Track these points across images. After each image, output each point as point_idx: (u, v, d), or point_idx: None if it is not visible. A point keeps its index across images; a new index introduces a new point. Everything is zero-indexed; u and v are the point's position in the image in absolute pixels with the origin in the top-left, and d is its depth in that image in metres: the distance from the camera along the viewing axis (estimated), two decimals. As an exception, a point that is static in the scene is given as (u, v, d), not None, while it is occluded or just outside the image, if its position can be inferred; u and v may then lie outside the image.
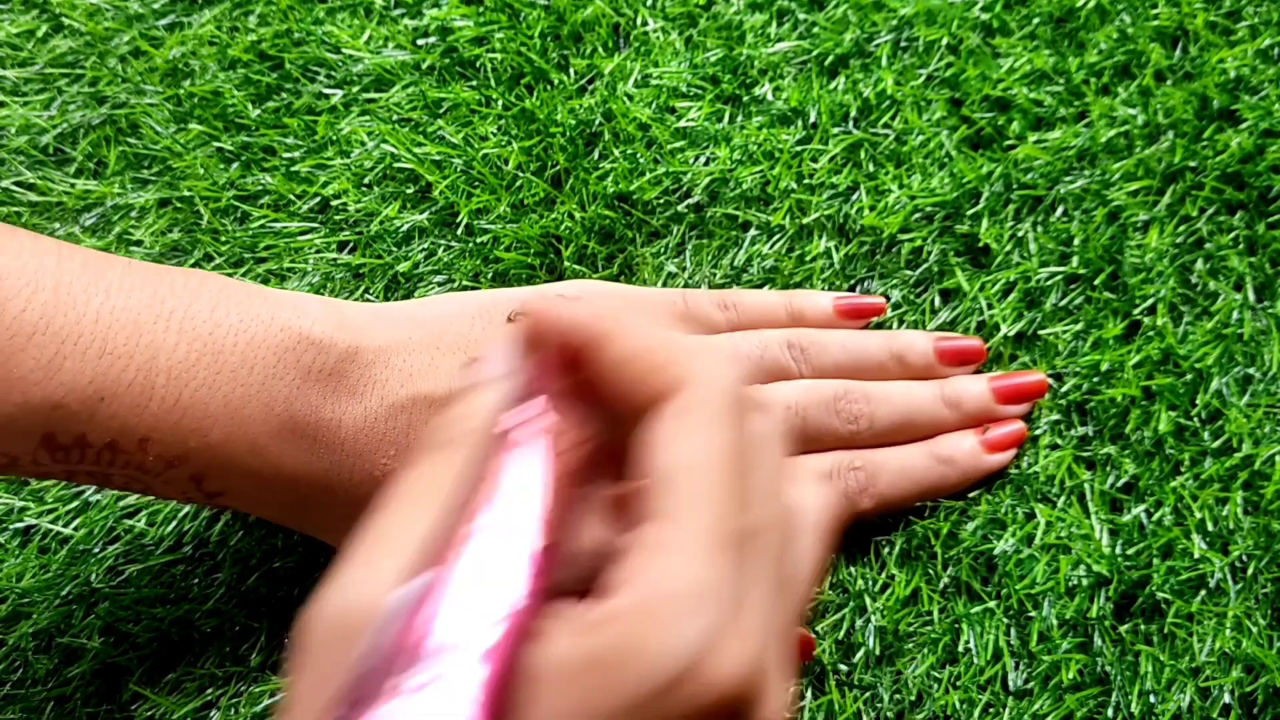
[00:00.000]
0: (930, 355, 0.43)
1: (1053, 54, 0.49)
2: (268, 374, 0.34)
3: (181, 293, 0.34)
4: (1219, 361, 0.43)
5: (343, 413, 0.35)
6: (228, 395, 0.33)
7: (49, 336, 0.31)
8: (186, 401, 0.32)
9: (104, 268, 0.33)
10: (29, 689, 0.39)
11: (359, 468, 0.35)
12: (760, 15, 0.50)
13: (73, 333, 0.31)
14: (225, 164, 0.47)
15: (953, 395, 0.42)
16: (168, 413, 0.32)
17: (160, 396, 0.32)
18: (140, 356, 0.32)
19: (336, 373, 0.35)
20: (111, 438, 0.32)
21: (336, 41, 0.49)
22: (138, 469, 0.33)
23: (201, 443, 0.33)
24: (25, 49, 0.50)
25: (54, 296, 0.31)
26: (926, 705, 0.38)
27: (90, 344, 0.31)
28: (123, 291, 0.33)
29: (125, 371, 0.32)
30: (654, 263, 0.45)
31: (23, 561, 0.40)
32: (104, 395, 0.31)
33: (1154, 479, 0.41)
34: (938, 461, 0.41)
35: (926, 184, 0.46)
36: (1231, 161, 0.46)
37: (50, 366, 0.31)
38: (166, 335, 0.33)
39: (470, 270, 0.45)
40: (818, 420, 0.40)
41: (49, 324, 0.31)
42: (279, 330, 0.34)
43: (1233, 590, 0.40)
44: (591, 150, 0.47)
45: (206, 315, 0.33)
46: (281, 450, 0.34)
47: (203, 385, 0.33)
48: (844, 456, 0.40)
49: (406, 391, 0.36)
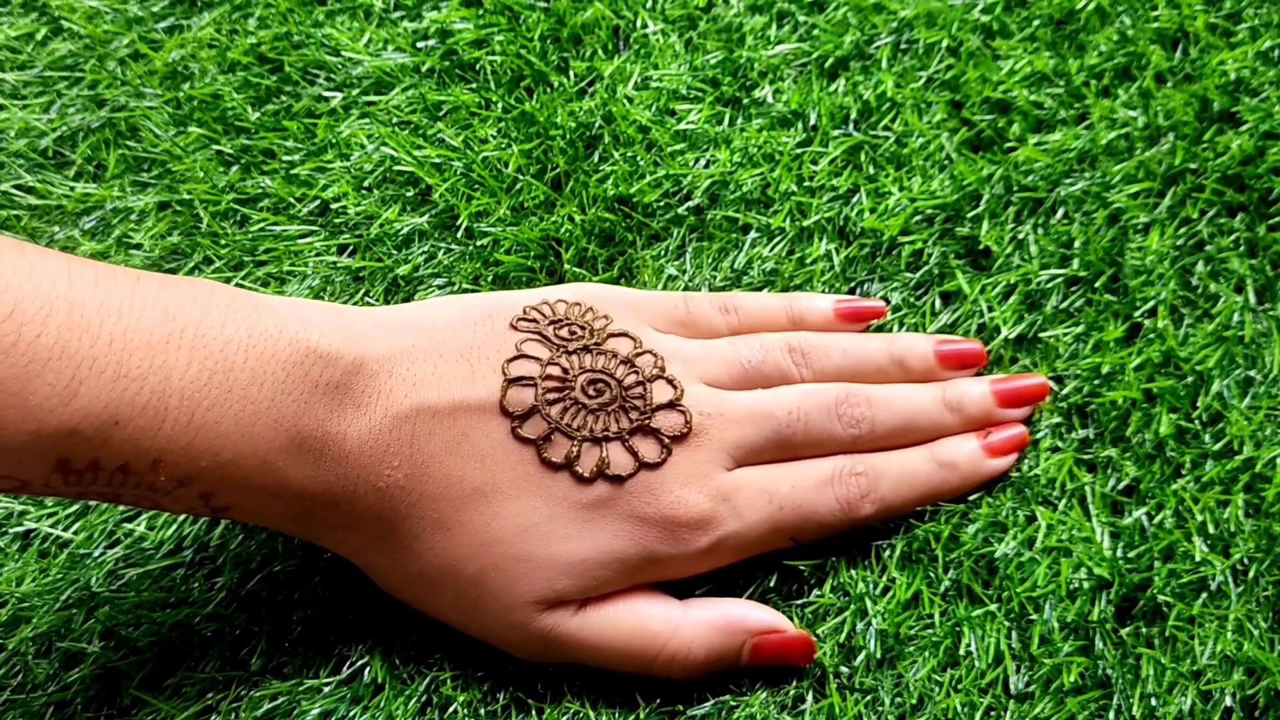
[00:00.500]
0: (931, 359, 0.43)
1: (1053, 56, 0.49)
2: (277, 390, 0.34)
3: (191, 308, 0.33)
4: (1220, 364, 0.43)
5: (348, 426, 0.35)
6: (239, 413, 0.33)
7: (64, 362, 0.31)
8: (199, 421, 0.32)
9: (114, 285, 0.33)
10: (29, 693, 0.39)
11: (363, 480, 0.35)
12: (760, 17, 0.50)
13: (88, 357, 0.31)
14: (225, 167, 0.47)
15: (954, 399, 0.42)
16: (180, 433, 0.32)
17: (174, 418, 0.32)
18: (154, 378, 0.32)
19: (343, 385, 0.35)
20: (124, 460, 0.32)
21: (336, 44, 0.49)
22: (149, 489, 0.33)
23: (213, 462, 0.33)
24: (24, 52, 0.50)
25: (68, 319, 0.31)
26: (928, 708, 0.38)
27: (105, 368, 0.31)
28: (134, 311, 0.32)
29: (139, 395, 0.31)
30: (654, 265, 0.45)
31: (23, 566, 0.40)
32: (118, 419, 0.31)
33: (1155, 481, 0.41)
34: (939, 466, 0.41)
35: (927, 186, 0.46)
36: (1232, 164, 0.46)
37: (66, 393, 0.30)
38: (179, 355, 0.32)
39: (470, 273, 0.44)
40: (819, 425, 0.40)
41: (64, 349, 0.31)
42: (287, 344, 0.34)
43: (1234, 593, 0.39)
44: (591, 153, 0.47)
45: (217, 332, 0.33)
46: (288, 465, 0.34)
47: (215, 404, 0.33)
48: (845, 461, 0.40)
49: (410, 402, 0.36)
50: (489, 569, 0.36)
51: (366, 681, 0.39)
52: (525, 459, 0.37)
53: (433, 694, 0.39)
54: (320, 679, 0.39)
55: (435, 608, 0.38)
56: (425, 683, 0.39)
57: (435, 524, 0.36)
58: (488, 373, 0.37)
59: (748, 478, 0.39)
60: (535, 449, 0.37)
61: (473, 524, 0.36)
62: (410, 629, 0.40)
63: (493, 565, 0.36)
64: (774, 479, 0.39)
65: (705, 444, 0.38)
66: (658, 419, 0.38)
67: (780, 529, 0.39)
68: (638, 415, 0.38)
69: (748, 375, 0.41)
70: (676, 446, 0.38)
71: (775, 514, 0.39)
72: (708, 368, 0.40)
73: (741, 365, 0.41)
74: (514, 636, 0.37)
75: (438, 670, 0.39)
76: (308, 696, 0.38)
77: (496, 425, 0.37)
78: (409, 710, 0.38)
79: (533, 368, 0.38)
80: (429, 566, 0.36)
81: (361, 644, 0.39)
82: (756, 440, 0.39)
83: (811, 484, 0.39)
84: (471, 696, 0.39)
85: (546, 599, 0.37)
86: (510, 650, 0.38)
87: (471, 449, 0.36)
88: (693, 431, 0.38)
